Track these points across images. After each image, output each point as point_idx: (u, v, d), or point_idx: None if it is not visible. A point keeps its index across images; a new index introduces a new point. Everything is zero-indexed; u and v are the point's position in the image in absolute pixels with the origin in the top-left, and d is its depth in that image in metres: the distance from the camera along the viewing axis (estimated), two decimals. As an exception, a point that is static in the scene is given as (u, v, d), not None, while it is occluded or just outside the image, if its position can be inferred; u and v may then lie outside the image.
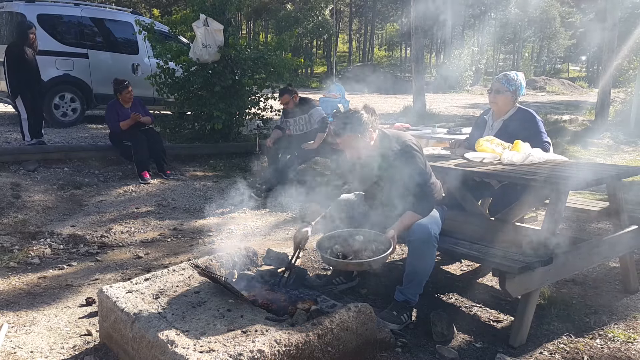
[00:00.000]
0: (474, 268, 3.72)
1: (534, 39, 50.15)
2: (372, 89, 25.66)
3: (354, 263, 2.69)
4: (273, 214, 5.27)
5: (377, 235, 2.79)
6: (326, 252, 2.76)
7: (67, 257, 3.94)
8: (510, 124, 3.52)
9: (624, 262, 3.31)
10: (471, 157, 3.24)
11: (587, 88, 34.45)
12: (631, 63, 13.61)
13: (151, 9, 41.28)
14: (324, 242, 2.84)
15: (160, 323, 2.22)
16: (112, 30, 9.52)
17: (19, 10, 8.20)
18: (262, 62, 7.78)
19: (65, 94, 8.74)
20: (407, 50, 48.01)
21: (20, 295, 3.18)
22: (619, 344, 2.70)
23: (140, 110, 6.51)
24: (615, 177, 3.05)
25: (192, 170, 6.99)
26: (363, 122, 2.73)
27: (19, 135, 7.26)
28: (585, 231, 4.65)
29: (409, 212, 2.76)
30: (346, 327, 2.29)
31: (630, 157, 8.93)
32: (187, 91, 7.96)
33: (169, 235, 4.51)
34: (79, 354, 2.51)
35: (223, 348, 2.02)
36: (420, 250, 2.70)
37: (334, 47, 32.26)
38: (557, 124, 12.19)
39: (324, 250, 2.78)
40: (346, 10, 48.55)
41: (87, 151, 6.81)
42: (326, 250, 2.79)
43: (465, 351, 2.60)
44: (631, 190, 5.75)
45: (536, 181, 2.80)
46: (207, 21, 7.33)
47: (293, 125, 6.26)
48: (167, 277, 2.77)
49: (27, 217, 4.73)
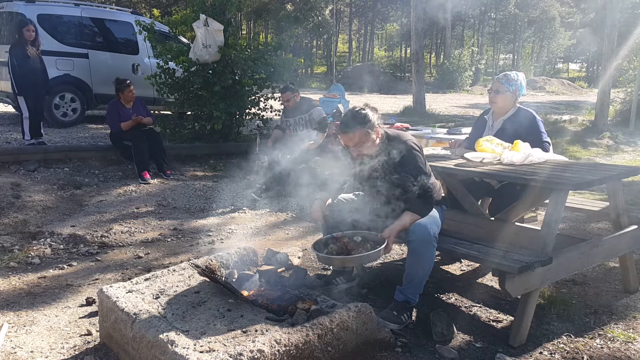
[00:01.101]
0: (474, 268, 3.72)
1: (534, 39, 50.12)
2: (372, 89, 25.69)
3: (349, 258, 2.75)
4: (273, 214, 5.27)
5: (373, 236, 2.83)
6: (322, 252, 2.79)
7: (67, 257, 3.94)
8: (510, 124, 3.53)
9: (624, 262, 3.31)
10: (471, 157, 3.24)
11: (587, 88, 34.44)
12: (631, 63, 13.60)
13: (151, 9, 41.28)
14: (320, 243, 2.89)
15: (161, 323, 2.22)
16: (112, 31, 9.51)
17: (19, 10, 8.21)
18: (262, 62, 7.78)
19: (66, 94, 8.73)
20: (407, 50, 48.00)
21: (21, 295, 3.18)
22: (618, 344, 2.70)
23: (141, 110, 6.52)
24: (615, 177, 3.05)
25: (192, 170, 6.99)
26: (370, 118, 2.75)
27: (19, 135, 7.26)
28: (585, 231, 4.65)
29: (408, 212, 2.76)
30: (346, 327, 2.30)
31: (630, 157, 8.94)
32: (187, 91, 7.96)
33: (169, 235, 4.51)
34: (79, 353, 2.51)
35: (223, 348, 2.02)
36: (420, 251, 2.70)
37: (334, 47, 32.28)
38: (557, 124, 12.19)
39: (320, 250, 2.82)
40: (346, 10, 48.52)
41: (87, 151, 6.82)
42: (322, 250, 2.82)
43: (465, 351, 2.60)
44: (631, 190, 5.76)
45: (536, 181, 2.80)
46: (207, 21, 7.33)
47: (293, 125, 6.26)
48: (167, 277, 2.77)
49: (27, 217, 4.73)
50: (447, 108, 17.36)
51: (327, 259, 2.82)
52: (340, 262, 2.86)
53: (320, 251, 2.81)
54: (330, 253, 2.82)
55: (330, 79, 25.55)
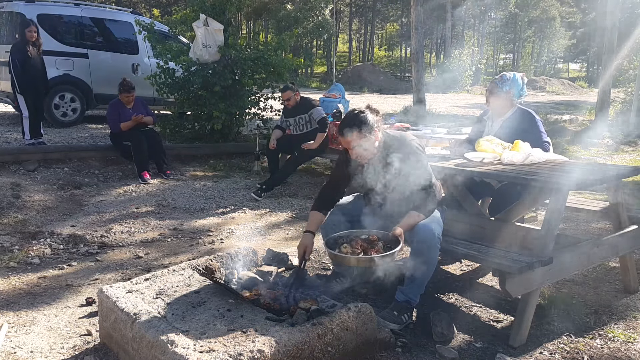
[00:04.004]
0: (474, 268, 3.72)
1: (534, 38, 50.10)
2: (372, 89, 25.69)
3: (364, 258, 2.61)
4: (273, 214, 5.27)
5: (384, 235, 2.77)
6: (334, 251, 2.72)
7: (67, 257, 3.94)
8: (510, 124, 3.52)
9: (624, 262, 3.31)
10: (471, 157, 3.24)
11: (587, 88, 34.42)
12: (631, 63, 13.60)
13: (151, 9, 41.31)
14: (331, 242, 2.81)
15: (160, 323, 2.22)
16: (112, 30, 9.52)
17: (19, 10, 8.21)
18: (262, 62, 7.78)
19: (65, 94, 8.73)
20: (407, 50, 48.00)
21: (20, 295, 3.18)
22: (619, 344, 2.70)
23: (142, 110, 6.51)
24: (615, 177, 3.05)
25: (192, 170, 6.99)
26: (369, 121, 2.73)
27: (19, 135, 7.26)
28: (585, 231, 4.65)
29: (413, 212, 2.75)
30: (346, 327, 2.29)
31: (630, 157, 8.93)
32: (187, 91, 7.95)
33: (169, 235, 4.51)
34: (79, 354, 2.51)
35: (223, 348, 2.02)
36: (423, 251, 2.69)
37: (334, 47, 32.25)
38: (557, 124, 12.19)
39: (332, 248, 2.73)
40: (346, 10, 48.51)
41: (87, 151, 6.81)
42: (334, 249, 2.74)
43: (465, 351, 2.60)
44: (631, 190, 5.76)
45: (536, 181, 2.80)
46: (207, 21, 7.33)
47: (293, 125, 6.26)
48: (167, 277, 2.77)
49: (27, 217, 4.73)
50: (447, 108, 17.36)
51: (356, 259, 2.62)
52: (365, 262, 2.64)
53: (333, 249, 2.72)
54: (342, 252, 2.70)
55: (330, 79, 25.55)
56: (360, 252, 2.66)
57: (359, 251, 2.66)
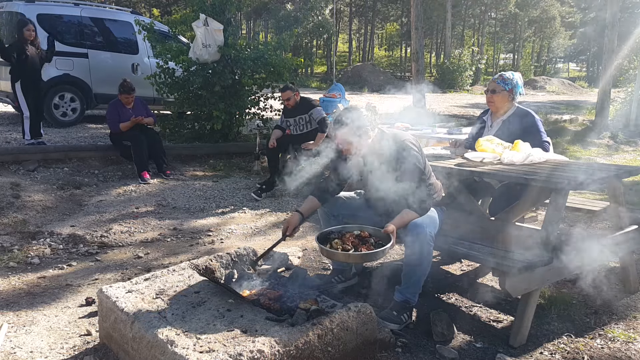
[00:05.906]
0: (474, 268, 3.72)
1: (534, 38, 50.09)
2: (372, 89, 25.68)
3: (354, 255, 2.62)
4: (273, 214, 5.27)
5: (376, 231, 2.77)
6: (326, 246, 2.73)
7: (67, 257, 3.94)
8: (510, 124, 3.53)
9: (624, 262, 3.31)
10: (471, 157, 3.24)
11: (587, 88, 34.42)
12: (631, 63, 13.61)
13: (151, 9, 41.28)
14: (323, 237, 2.81)
15: (160, 323, 2.22)
16: (112, 30, 9.51)
17: (19, 10, 8.20)
18: (262, 62, 7.78)
19: (65, 93, 8.73)
20: (407, 50, 47.99)
21: (20, 295, 3.17)
22: (619, 344, 2.70)
23: (142, 110, 6.51)
24: (615, 177, 3.05)
25: (192, 170, 6.99)
26: (361, 119, 2.74)
27: (18, 135, 7.26)
28: (585, 231, 4.64)
29: (406, 210, 2.75)
30: (346, 327, 2.29)
31: (630, 157, 8.93)
32: (187, 91, 7.95)
33: (169, 235, 4.50)
34: (78, 354, 2.51)
35: (223, 348, 2.02)
36: (416, 250, 2.69)
37: (334, 47, 32.25)
38: (557, 123, 12.19)
39: (324, 244, 2.72)
40: (346, 10, 48.47)
41: (87, 151, 6.81)
42: (326, 244, 2.75)
43: (466, 351, 2.60)
44: (631, 190, 5.76)
45: (536, 181, 2.80)
46: (207, 21, 7.32)
47: (293, 125, 6.25)
48: (167, 277, 2.76)
49: (27, 217, 4.72)
50: (447, 108, 17.36)
51: (345, 255, 2.63)
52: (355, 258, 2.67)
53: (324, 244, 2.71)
54: (334, 248, 2.71)
55: (330, 79, 25.55)
56: (351, 248, 2.66)
57: (349, 247, 2.67)
